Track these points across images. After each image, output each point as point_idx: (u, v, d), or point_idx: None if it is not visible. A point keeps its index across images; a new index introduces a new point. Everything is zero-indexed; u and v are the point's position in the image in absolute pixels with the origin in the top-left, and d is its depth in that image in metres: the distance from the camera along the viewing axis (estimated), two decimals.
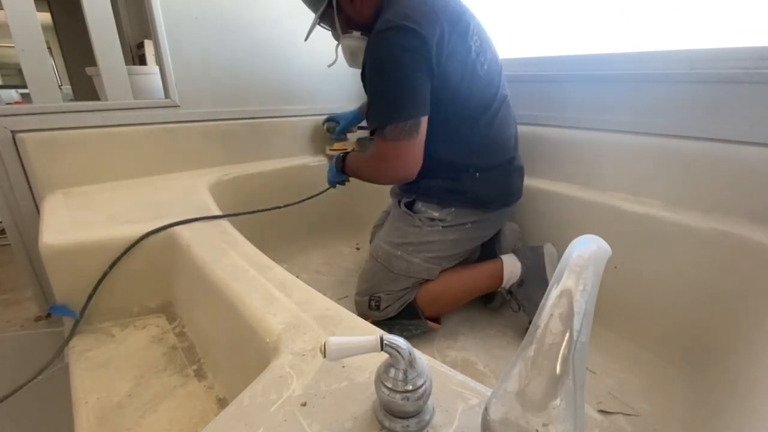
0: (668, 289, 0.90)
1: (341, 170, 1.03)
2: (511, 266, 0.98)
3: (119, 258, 0.74)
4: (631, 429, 0.74)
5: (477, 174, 0.92)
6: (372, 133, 0.95)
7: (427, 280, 0.94)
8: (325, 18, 0.93)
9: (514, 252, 1.02)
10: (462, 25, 0.85)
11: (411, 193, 0.98)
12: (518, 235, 1.10)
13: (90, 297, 0.74)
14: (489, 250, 1.06)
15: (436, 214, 0.93)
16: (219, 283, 0.59)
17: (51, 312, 0.74)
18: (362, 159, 0.97)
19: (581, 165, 1.10)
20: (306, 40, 0.98)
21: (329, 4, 0.89)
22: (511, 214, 1.06)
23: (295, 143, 1.49)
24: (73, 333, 0.72)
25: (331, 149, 1.41)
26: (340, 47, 0.97)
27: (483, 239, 1.02)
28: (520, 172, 1.01)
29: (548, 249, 1.00)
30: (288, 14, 1.33)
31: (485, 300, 1.08)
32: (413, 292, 0.93)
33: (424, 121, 0.83)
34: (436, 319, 0.98)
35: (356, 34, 0.92)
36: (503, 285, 0.98)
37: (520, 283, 0.98)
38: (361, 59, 0.90)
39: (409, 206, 0.97)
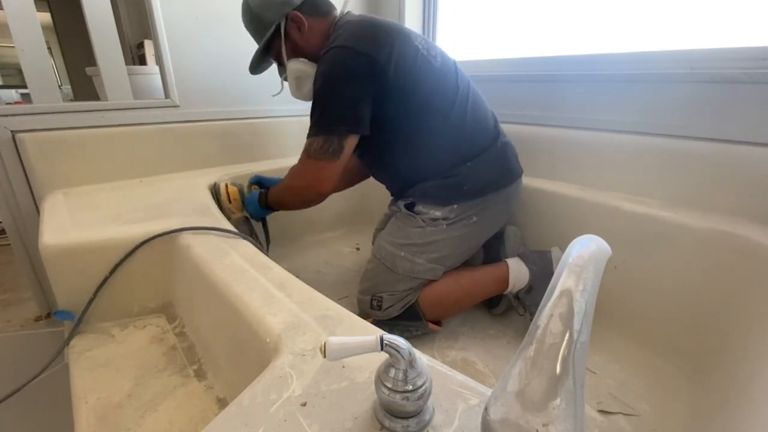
0: (668, 289, 0.90)
1: (266, 207, 1.02)
2: (517, 271, 0.97)
3: (120, 263, 0.74)
4: (631, 429, 0.74)
5: (468, 163, 0.93)
6: None
7: (431, 282, 0.94)
8: (270, 47, 0.94)
9: (521, 257, 1.00)
10: (403, 34, 0.88)
11: (408, 196, 0.97)
12: (520, 238, 1.10)
13: (90, 302, 0.73)
14: (493, 254, 1.05)
15: (438, 213, 0.93)
16: (219, 283, 0.59)
17: (55, 316, 0.74)
18: (281, 186, 0.98)
19: (581, 165, 1.10)
20: (253, 72, 1.00)
21: (276, 33, 0.90)
22: (511, 214, 1.06)
23: (295, 143, 1.49)
24: (72, 335, 0.72)
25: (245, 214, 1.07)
26: (285, 77, 0.97)
27: (488, 234, 1.00)
28: (509, 149, 1.01)
29: (556, 253, 0.98)
30: None
31: (490, 305, 1.07)
32: (416, 294, 0.93)
33: (351, 141, 0.86)
34: (437, 321, 0.97)
35: (302, 60, 0.93)
36: (509, 290, 0.97)
37: (529, 289, 0.96)
38: (307, 87, 0.93)
39: (410, 208, 0.97)
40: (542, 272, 0.96)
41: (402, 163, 0.95)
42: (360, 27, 0.86)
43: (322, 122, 0.85)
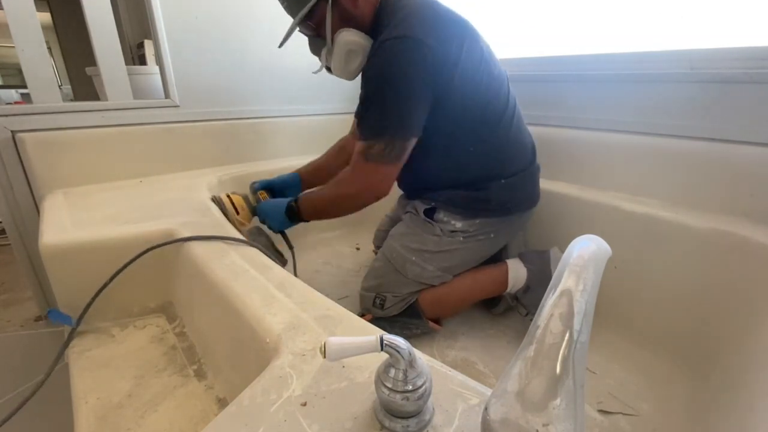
0: (668, 288, 0.90)
1: (297, 218, 0.89)
2: (516, 271, 0.96)
3: (121, 270, 0.71)
4: (631, 429, 0.74)
5: (502, 181, 0.89)
6: None
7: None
8: (311, 16, 0.82)
9: (520, 256, 1.00)
10: (470, 28, 0.82)
11: (431, 200, 0.94)
12: (522, 238, 1.09)
13: (88, 306, 0.71)
14: (495, 254, 1.05)
15: (458, 225, 0.91)
16: (219, 283, 0.59)
17: (49, 316, 0.71)
18: (326, 198, 0.88)
19: (581, 165, 1.10)
20: (281, 46, 0.87)
21: None
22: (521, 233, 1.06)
23: (295, 143, 1.49)
24: (70, 339, 0.70)
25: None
26: (325, 51, 0.85)
27: (499, 248, 1.00)
28: (538, 172, 0.99)
29: (554, 253, 0.97)
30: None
31: (490, 305, 1.07)
32: (416, 294, 0.93)
33: (412, 143, 0.80)
34: (437, 320, 0.97)
35: (355, 31, 0.82)
36: (508, 290, 0.97)
37: (526, 289, 0.96)
38: (356, 62, 0.83)
39: (429, 214, 0.94)
40: (540, 272, 0.95)
41: (433, 167, 0.90)
42: (429, 13, 0.77)
43: (384, 125, 0.78)
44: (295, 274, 0.96)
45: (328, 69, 0.90)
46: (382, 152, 0.78)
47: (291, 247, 0.99)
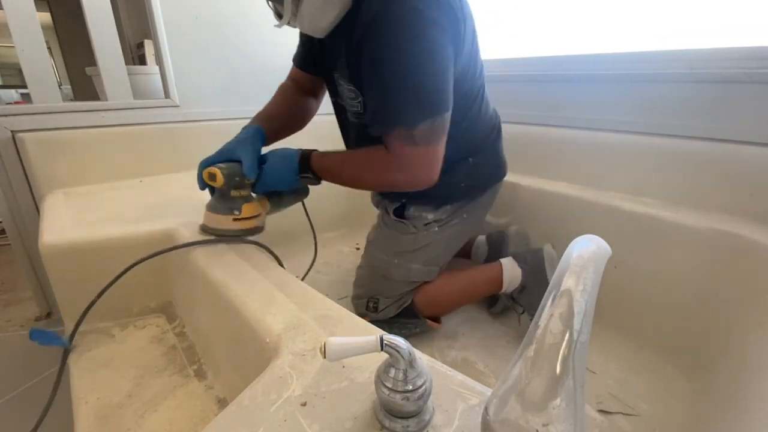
0: (668, 288, 0.90)
1: (311, 171, 0.76)
2: (510, 271, 0.95)
3: (118, 277, 0.65)
4: (631, 429, 0.74)
5: (470, 159, 0.86)
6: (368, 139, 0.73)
7: (425, 283, 0.94)
8: None
9: (513, 256, 0.98)
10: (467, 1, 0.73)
11: (399, 197, 0.91)
12: (525, 238, 1.09)
13: (77, 326, 0.66)
14: (498, 254, 1.04)
15: (431, 216, 0.90)
16: (219, 283, 0.59)
17: (31, 337, 0.61)
18: (352, 160, 0.76)
19: (581, 165, 1.10)
20: (279, 26, 0.73)
21: None
22: (494, 205, 1.04)
23: (295, 143, 1.49)
24: (64, 361, 0.66)
25: (237, 218, 0.73)
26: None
27: (477, 226, 0.99)
28: (500, 136, 0.94)
29: (548, 251, 0.96)
30: None
31: (488, 303, 1.07)
32: (411, 295, 0.93)
33: (449, 114, 0.70)
34: (435, 319, 0.97)
35: None
36: (503, 290, 0.96)
37: (522, 289, 0.96)
38: (333, 15, 0.69)
39: (399, 213, 0.92)
40: (534, 271, 0.94)
41: None
42: None
43: (426, 102, 0.66)
44: (316, 251, 0.95)
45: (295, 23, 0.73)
46: (430, 133, 0.67)
47: (312, 227, 0.94)
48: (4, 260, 1.66)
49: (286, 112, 0.96)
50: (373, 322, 0.50)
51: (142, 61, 2.06)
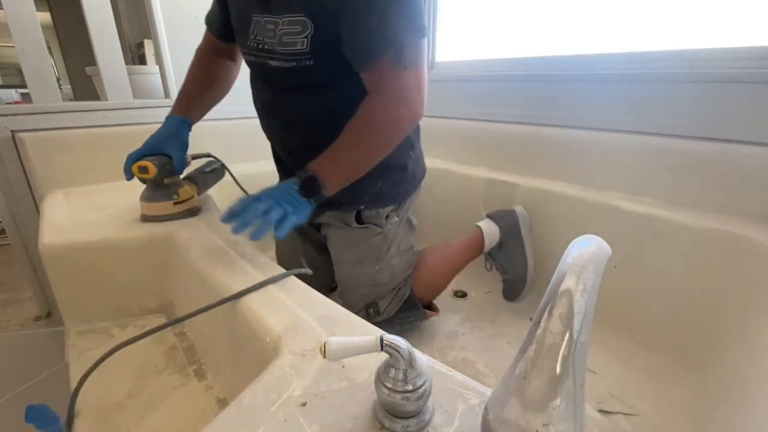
0: (668, 288, 0.90)
1: (319, 192, 0.66)
2: (489, 231, 1.02)
3: (94, 367, 0.55)
4: (631, 429, 0.74)
5: (411, 152, 0.88)
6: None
7: (417, 271, 0.94)
8: None
9: (489, 216, 1.06)
10: None
11: (353, 205, 0.85)
12: (529, 220, 1.10)
13: (72, 404, 0.57)
14: (511, 233, 1.07)
15: (389, 208, 0.88)
16: (219, 283, 0.59)
17: (27, 419, 0.56)
18: (352, 138, 0.68)
19: (581, 165, 1.10)
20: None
21: None
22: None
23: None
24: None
25: (177, 201, 0.81)
26: None
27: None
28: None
29: (520, 211, 1.07)
30: None
31: (507, 297, 1.10)
32: (407, 287, 0.93)
33: None
34: (430, 306, 0.98)
35: None
36: (485, 249, 1.03)
37: (500, 246, 1.02)
38: None
39: (359, 219, 0.87)
40: (511, 228, 1.04)
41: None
42: None
43: (416, 24, 0.64)
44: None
45: None
46: (418, 53, 0.65)
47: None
48: (4, 260, 1.66)
49: (210, 85, 0.96)
50: (377, 322, 0.50)
51: (142, 61, 2.06)
